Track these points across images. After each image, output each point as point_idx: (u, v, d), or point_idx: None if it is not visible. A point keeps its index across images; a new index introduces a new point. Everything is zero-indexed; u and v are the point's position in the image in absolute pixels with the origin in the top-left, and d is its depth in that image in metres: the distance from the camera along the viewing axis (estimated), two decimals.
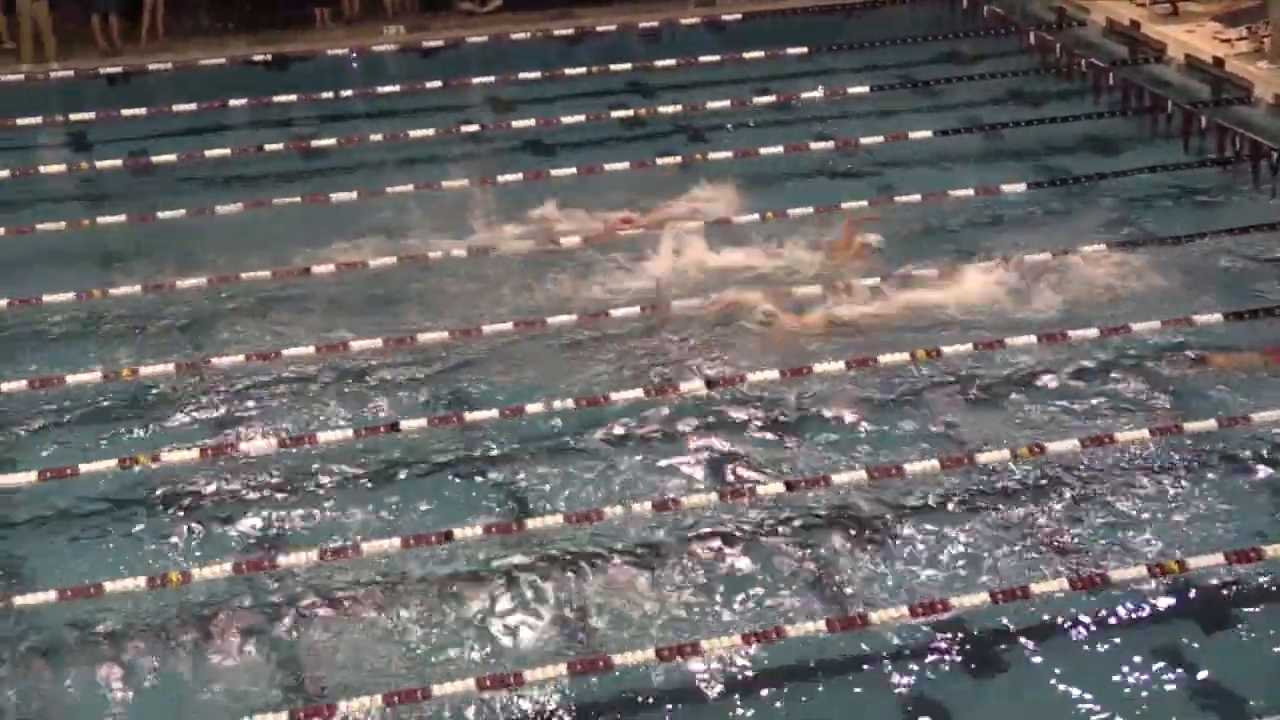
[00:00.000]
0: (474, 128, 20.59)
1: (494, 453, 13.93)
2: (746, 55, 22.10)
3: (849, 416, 14.29)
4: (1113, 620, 11.74)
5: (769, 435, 14.08)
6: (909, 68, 22.24)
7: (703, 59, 21.95)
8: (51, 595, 12.06)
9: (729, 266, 16.71)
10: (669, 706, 11.23)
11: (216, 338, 15.75)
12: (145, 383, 14.93)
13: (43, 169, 19.16)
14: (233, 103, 20.60)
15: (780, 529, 12.89)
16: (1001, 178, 18.67)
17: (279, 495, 13.45)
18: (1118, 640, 11.55)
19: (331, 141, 19.92)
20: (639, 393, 14.47)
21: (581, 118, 20.41)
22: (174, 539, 12.95)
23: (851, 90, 21.24)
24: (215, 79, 21.62)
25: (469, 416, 14.24)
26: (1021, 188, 18.49)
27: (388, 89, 21.39)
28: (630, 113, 20.94)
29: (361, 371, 15.12)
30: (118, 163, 19.37)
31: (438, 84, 21.29)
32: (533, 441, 14.06)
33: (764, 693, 11.30)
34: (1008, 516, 12.89)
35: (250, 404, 14.65)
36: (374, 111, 20.95)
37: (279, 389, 14.84)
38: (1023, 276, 16.26)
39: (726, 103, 20.90)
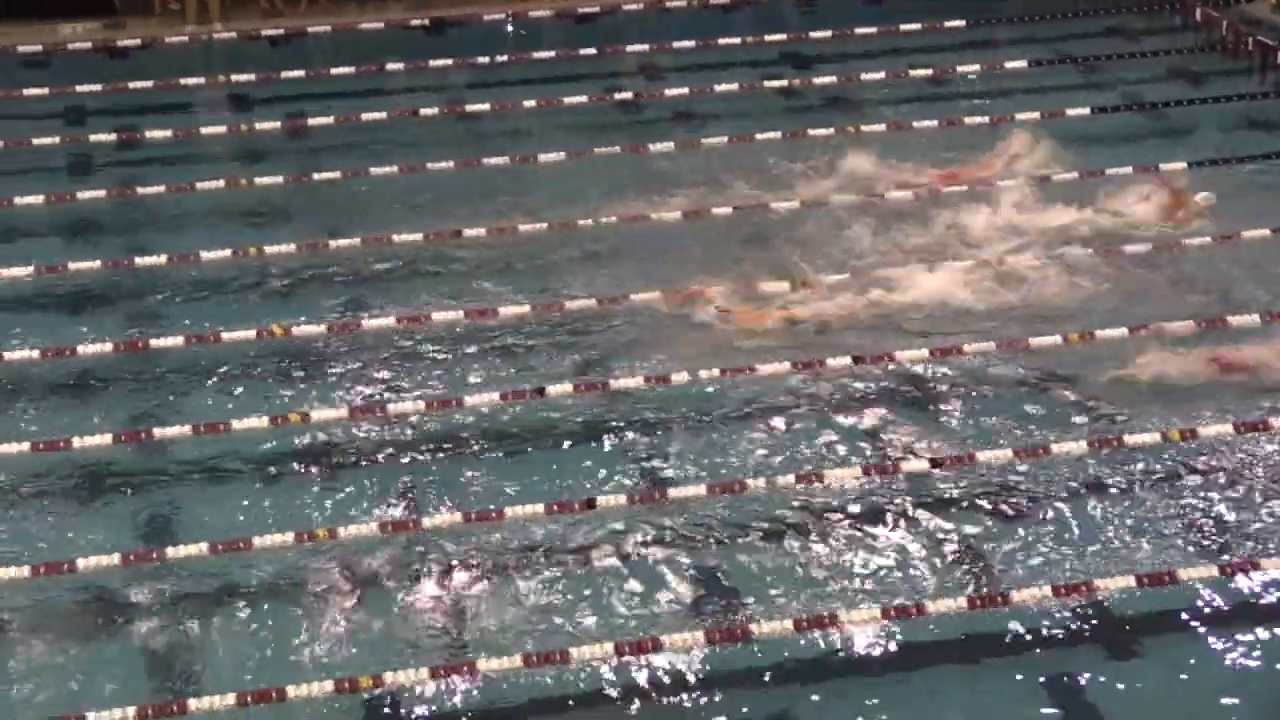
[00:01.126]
0: (626, 95, 20.59)
1: (639, 421, 13.97)
2: (903, 28, 21.88)
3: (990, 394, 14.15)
4: None
5: (917, 411, 13.99)
6: (1068, 42, 21.89)
7: (859, 30, 21.76)
8: (203, 548, 12.35)
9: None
10: (805, 679, 11.23)
11: (368, 299, 15.94)
12: (297, 341, 15.14)
13: (204, 129, 19.47)
14: (390, 66, 20.79)
15: (923, 506, 12.83)
16: (1160, 157, 18.34)
17: (425, 457, 13.60)
18: None
19: (485, 106, 20.04)
20: (785, 365, 14.47)
21: (735, 87, 20.34)
22: (321, 497, 13.18)
23: (1009, 65, 20.96)
24: (373, 43, 21.83)
25: (614, 384, 14.30)
26: (1180, 167, 18.14)
27: (542, 54, 21.45)
28: (785, 83, 20.83)
29: (508, 336, 15.21)
30: (276, 124, 19.64)
31: (591, 51, 21.32)
32: (679, 411, 14.10)
33: (903, 668, 11.27)
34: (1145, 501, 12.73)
35: (399, 366, 14.81)
36: (528, 78, 21.02)
37: (428, 351, 14.99)
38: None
39: (881, 74, 20.73)
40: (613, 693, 11.18)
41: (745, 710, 11.05)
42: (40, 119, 19.52)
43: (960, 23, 21.95)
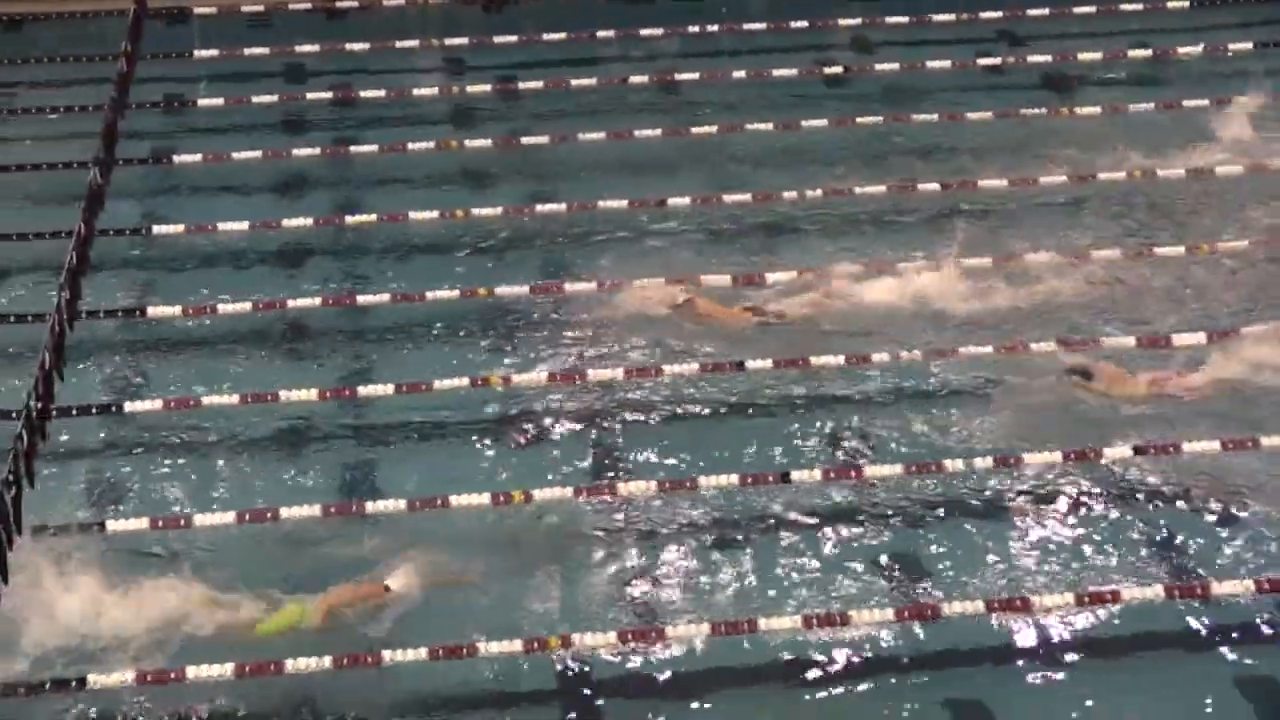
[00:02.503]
0: (835, 69, 20.42)
1: (838, 398, 13.90)
2: (1123, 7, 21.38)
3: None
4: None
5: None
6: None
7: (1077, 10, 21.32)
8: (402, 505, 12.56)
9: None
10: (993, 660, 11.13)
11: (571, 264, 16.05)
12: (500, 304, 15.30)
13: (416, 91, 19.71)
14: (601, 34, 20.85)
15: (1128, 495, 12.63)
16: None
17: (623, 425, 13.68)
18: None
19: (695, 76, 20.01)
20: (989, 349, 14.31)
21: (946, 64, 20.06)
22: (518, 460, 13.33)
23: (1234, 46, 20.38)
24: (585, 10, 21.84)
25: (815, 361, 14.24)
26: None
27: (753, 25, 21.34)
28: (997, 61, 20.50)
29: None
30: (487, 88, 19.81)
31: (803, 23, 21.17)
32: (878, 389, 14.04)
33: (1094, 654, 11.12)
34: None
35: (600, 332, 14.89)
36: (738, 48, 20.95)
37: (628, 319, 15.05)
38: None
39: (1098, 55, 20.30)
40: (800, 664, 11.20)
41: (934, 690, 11.02)
42: (260, 78, 19.92)
43: (1183, 3, 21.40)
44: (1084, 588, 11.71)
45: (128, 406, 13.80)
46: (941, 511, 12.61)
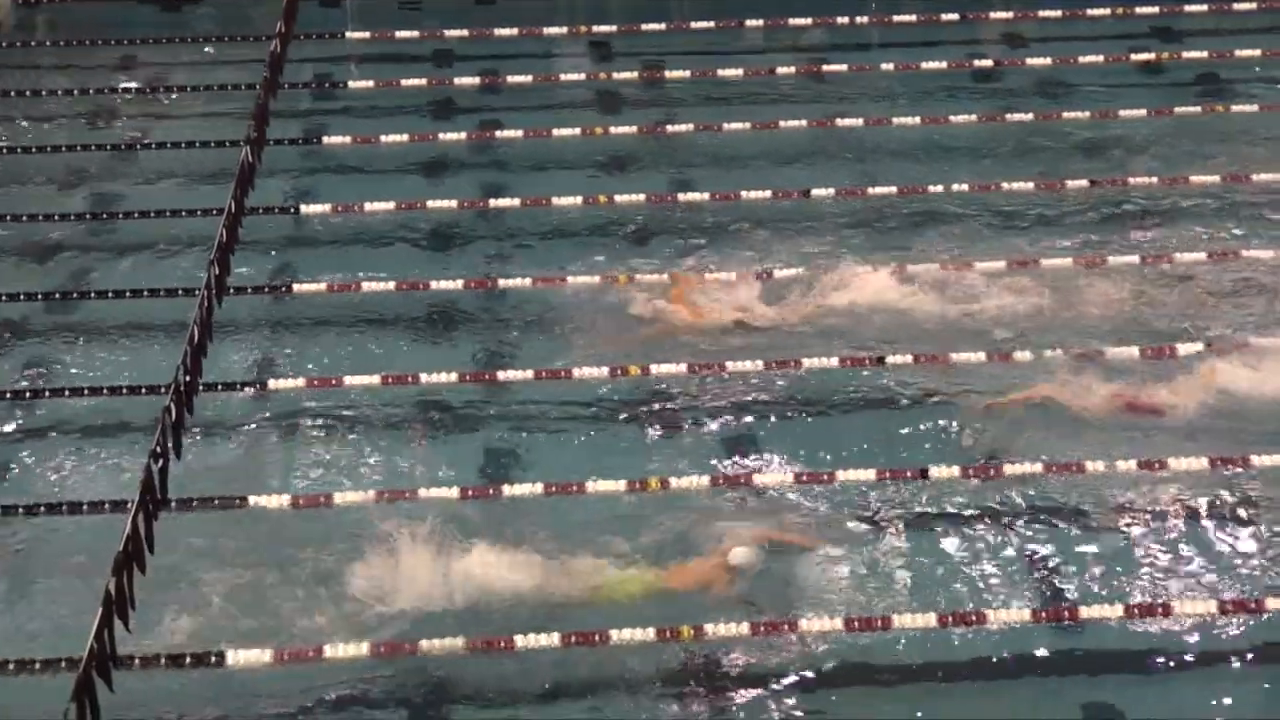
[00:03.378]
0: (986, 63, 20.20)
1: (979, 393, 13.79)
2: None
3: None
4: None
5: None
6: None
7: (1236, 6, 20.90)
8: (539, 488, 12.63)
9: None
10: (1131, 667, 11.02)
11: (713, 252, 16.01)
12: (640, 290, 15.30)
13: (564, 76, 19.78)
14: (749, 23, 20.78)
15: (1262, 500, 12.45)
16: None
17: (759, 416, 13.64)
18: None
19: (843, 68, 19.88)
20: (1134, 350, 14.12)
21: (1099, 59, 19.76)
22: (656, 448, 13.34)
23: None
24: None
25: (955, 358, 14.10)
26: None
27: (903, 17, 21.15)
28: (1150, 56, 20.15)
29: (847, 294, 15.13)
30: (633, 74, 19.83)
31: (954, 16, 20.95)
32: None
33: (1240, 664, 10.96)
34: None
35: (740, 322, 14.86)
36: (887, 40, 20.78)
37: (767, 311, 14.99)
38: None
39: (1257, 51, 19.88)
40: (932, 664, 11.11)
41: (1068, 695, 10.89)
42: (409, 61, 20.11)
43: None
44: (1226, 595, 11.52)
45: (271, 383, 14.00)
46: (1083, 513, 12.44)
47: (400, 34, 20.53)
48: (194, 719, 10.75)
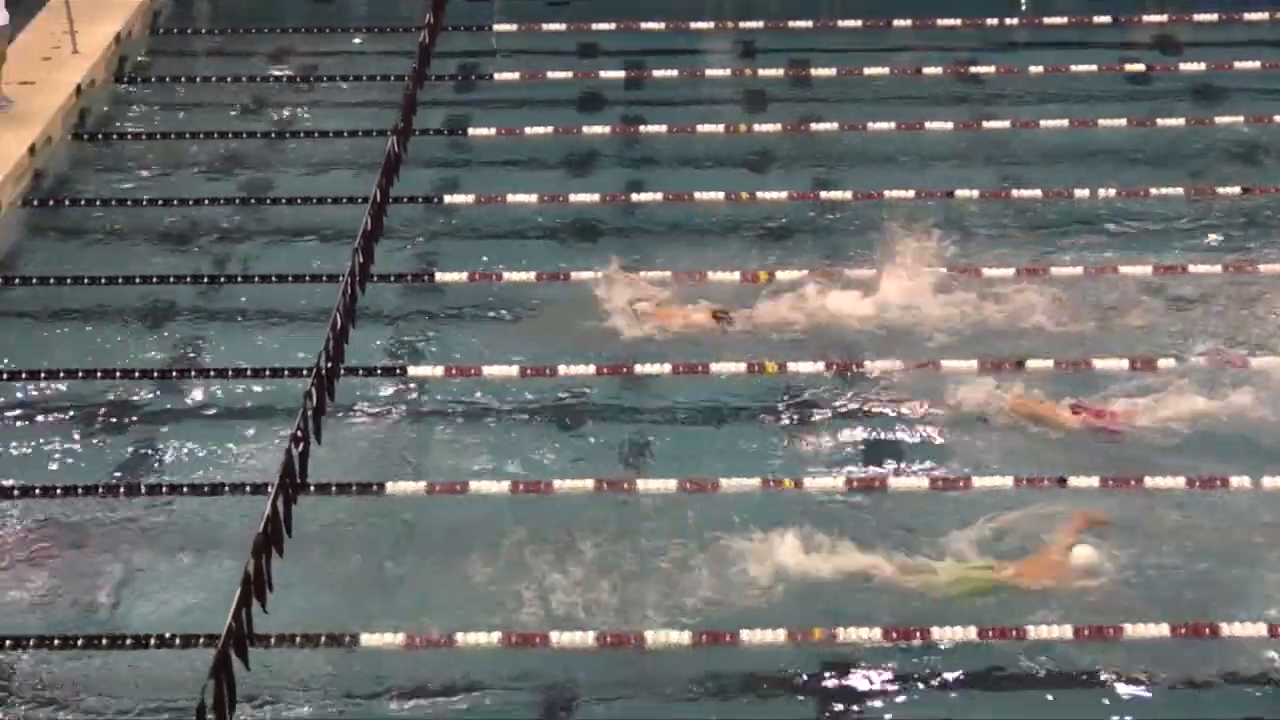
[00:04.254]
0: (1138, 67, 19.89)
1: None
2: None
3: None
4: None
5: None
6: None
7: None
8: (671, 485, 12.65)
9: None
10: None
11: (851, 251, 15.94)
12: (780, 287, 15.23)
13: (709, 72, 19.77)
14: (897, 23, 20.65)
15: None
16: None
17: (898, 416, 13.55)
18: None
19: (991, 69, 19.68)
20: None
21: (1255, 65, 19.38)
22: (790, 447, 13.29)
23: None
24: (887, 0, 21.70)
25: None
26: None
27: (1054, 20, 20.87)
28: None
29: (990, 301, 15.01)
30: (779, 72, 19.77)
31: (1106, 19, 20.66)
32: None
33: None
34: None
35: (876, 318, 14.78)
36: (1037, 41, 20.53)
37: (907, 311, 14.91)
38: None
39: None
40: (1070, 674, 11.00)
41: (1208, 711, 10.77)
42: (555, 54, 20.20)
43: None
44: None
45: (411, 370, 14.13)
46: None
47: (547, 27, 20.64)
48: (326, 698, 10.88)
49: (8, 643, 11.08)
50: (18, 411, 13.77)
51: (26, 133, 17.59)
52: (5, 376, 14.07)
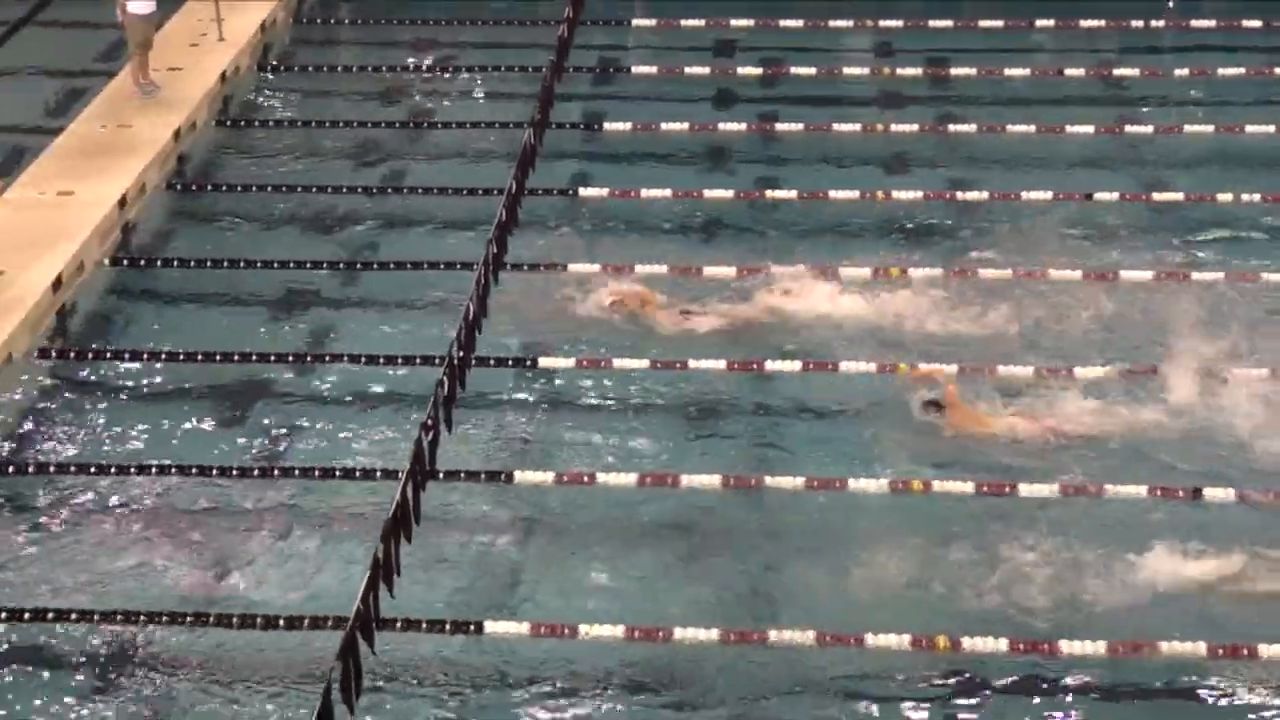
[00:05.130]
0: None
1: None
2: None
3: None
4: None
5: None
6: None
7: None
8: (799, 482, 12.60)
9: None
10: None
11: (978, 253, 15.76)
12: (914, 285, 15.13)
13: (846, 71, 19.69)
14: (1039, 23, 20.42)
15: None
16: None
17: (1040, 425, 13.40)
18: None
19: (1134, 72, 19.40)
20: None
21: None
22: (920, 450, 13.16)
23: None
24: None
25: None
26: None
27: (1201, 23, 20.53)
28: None
29: (1129, 305, 14.81)
30: (918, 71, 19.63)
31: (1256, 23, 20.27)
32: None
33: None
34: None
35: (1014, 318, 14.64)
36: (1183, 45, 20.20)
37: (1047, 309, 14.77)
38: None
39: None
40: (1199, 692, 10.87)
41: None
42: (693, 50, 20.20)
43: None
44: None
45: (542, 361, 14.19)
46: None
47: (686, 22, 20.65)
48: (450, 683, 10.96)
49: (142, 617, 11.29)
50: (157, 392, 14.01)
51: (173, 118, 17.93)
52: (145, 357, 14.32)
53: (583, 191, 17.01)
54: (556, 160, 17.41)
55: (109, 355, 14.37)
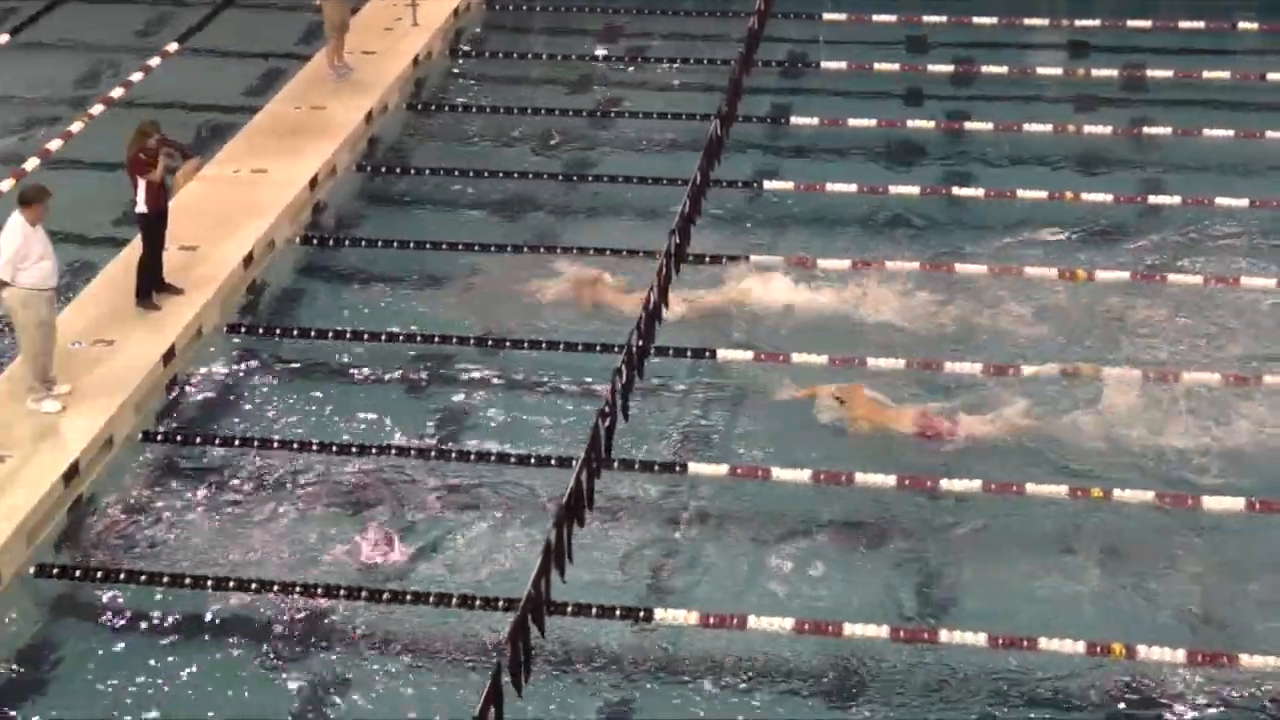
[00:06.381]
0: None
1: None
2: None
3: None
4: None
5: None
6: None
7: None
8: (976, 485, 12.44)
9: None
10: None
11: (1180, 258, 15.48)
12: (1097, 289, 14.92)
13: (1040, 70, 19.41)
14: (1242, 25, 19.94)
15: None
16: None
17: (1215, 425, 13.13)
18: None
19: None
20: None
21: None
22: (1104, 453, 12.98)
23: None
24: None
25: None
26: None
27: None
28: None
29: None
30: (1113, 73, 19.27)
31: None
32: None
33: None
34: None
35: (1205, 327, 14.41)
36: None
37: (1229, 318, 14.49)
38: None
39: None
40: None
41: None
42: (883, 45, 20.06)
43: None
44: None
45: (721, 354, 14.17)
46: None
47: (877, 18, 20.51)
48: (619, 669, 11.01)
49: (320, 590, 11.49)
50: (340, 369, 14.23)
51: (364, 101, 18.22)
52: (329, 335, 14.54)
53: (767, 184, 16.98)
54: (741, 152, 17.39)
55: (295, 332, 14.63)
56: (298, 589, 11.50)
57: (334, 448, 13.05)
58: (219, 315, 14.65)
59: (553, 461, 12.72)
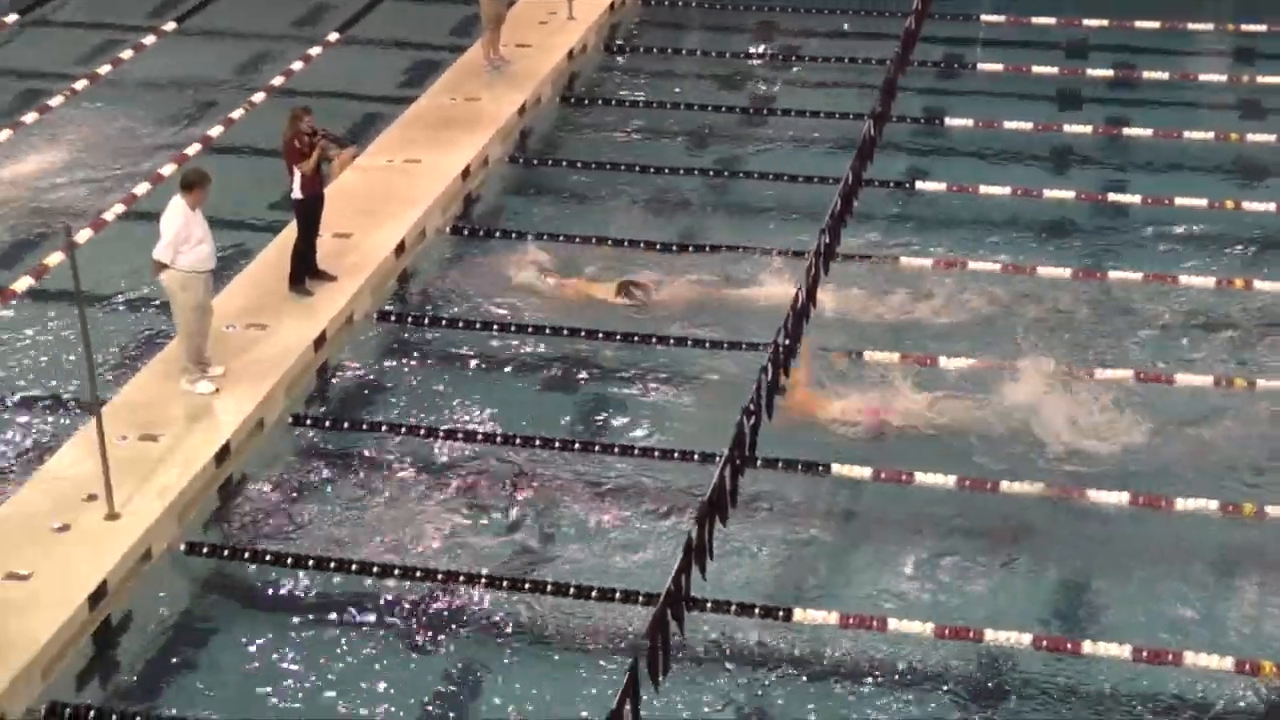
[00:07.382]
0: None
1: None
2: None
3: None
4: None
5: None
6: None
7: None
8: (1124, 498, 12.28)
9: None
10: None
11: None
12: (1255, 299, 14.69)
13: (1202, 77, 19.06)
14: None
15: None
16: None
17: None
18: None
19: None
20: None
21: None
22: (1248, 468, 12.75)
23: None
24: None
25: None
26: None
27: None
28: None
29: None
30: (1278, 79, 18.89)
31: None
32: None
33: None
34: None
35: None
36: None
37: None
38: None
39: None
40: None
41: None
42: (1043, 48, 19.83)
43: None
44: None
45: (867, 355, 14.08)
46: None
47: (1037, 20, 20.27)
48: (754, 668, 10.98)
49: (462, 577, 11.58)
50: (487, 360, 14.32)
51: (518, 94, 18.34)
52: (478, 325, 14.65)
53: (920, 185, 16.84)
54: (894, 152, 17.27)
55: (444, 321, 14.76)
56: (439, 575, 11.60)
57: (479, 435, 13.14)
58: (370, 303, 14.82)
59: (696, 457, 12.70)
